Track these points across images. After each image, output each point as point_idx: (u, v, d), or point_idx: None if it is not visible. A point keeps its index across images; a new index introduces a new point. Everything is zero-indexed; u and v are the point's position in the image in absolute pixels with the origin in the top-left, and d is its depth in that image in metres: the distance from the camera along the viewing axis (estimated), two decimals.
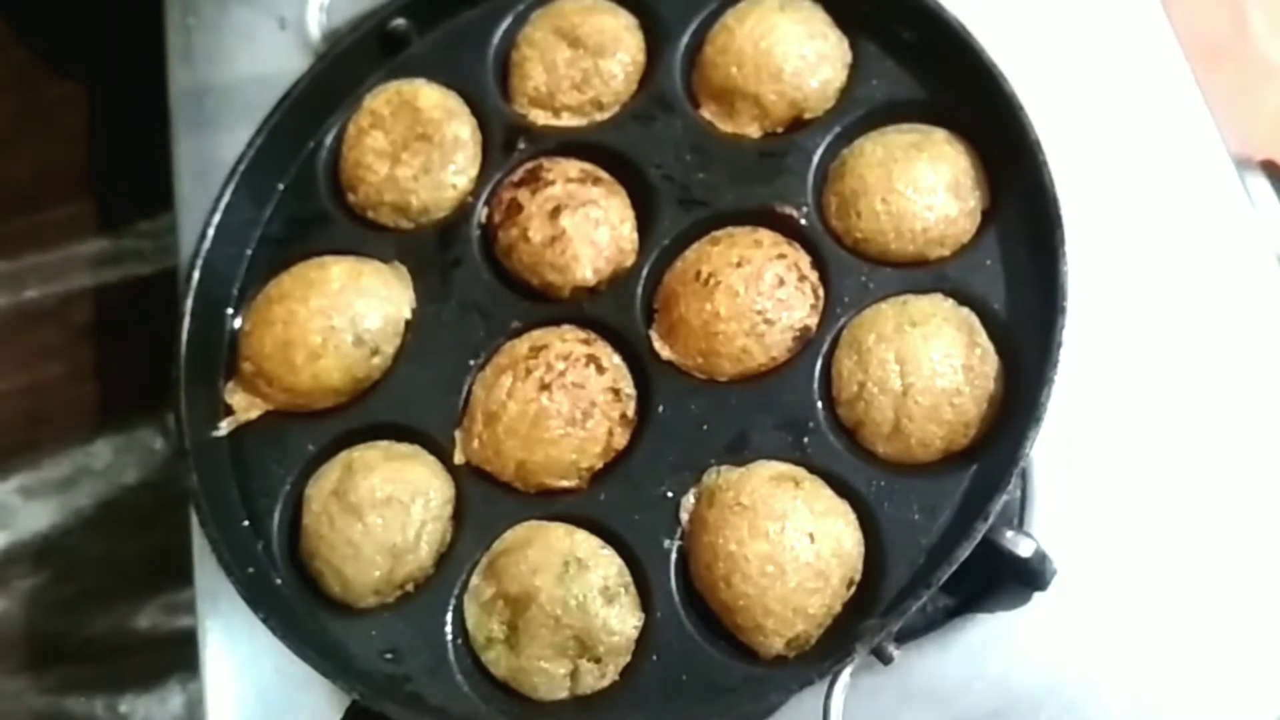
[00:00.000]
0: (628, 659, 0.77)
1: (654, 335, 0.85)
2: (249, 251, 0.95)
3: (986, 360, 0.79)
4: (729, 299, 0.82)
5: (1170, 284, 0.88)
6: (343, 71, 0.98)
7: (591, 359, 0.83)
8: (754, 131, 0.90)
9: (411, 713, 0.76)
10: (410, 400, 0.87)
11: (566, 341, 0.84)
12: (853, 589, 0.76)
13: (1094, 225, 0.88)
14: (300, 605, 0.83)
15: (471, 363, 0.87)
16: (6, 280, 1.26)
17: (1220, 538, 0.81)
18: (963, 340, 0.79)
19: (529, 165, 0.92)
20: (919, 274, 0.83)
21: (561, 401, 0.82)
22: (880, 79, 0.89)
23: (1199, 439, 0.83)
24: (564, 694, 0.78)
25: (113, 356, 1.22)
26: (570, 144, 0.93)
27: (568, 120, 0.95)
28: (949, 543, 0.73)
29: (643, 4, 0.96)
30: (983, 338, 0.79)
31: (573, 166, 0.91)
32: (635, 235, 0.89)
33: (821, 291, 0.84)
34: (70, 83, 1.32)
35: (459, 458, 0.84)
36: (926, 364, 0.78)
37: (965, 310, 0.80)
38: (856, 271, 0.84)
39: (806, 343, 0.82)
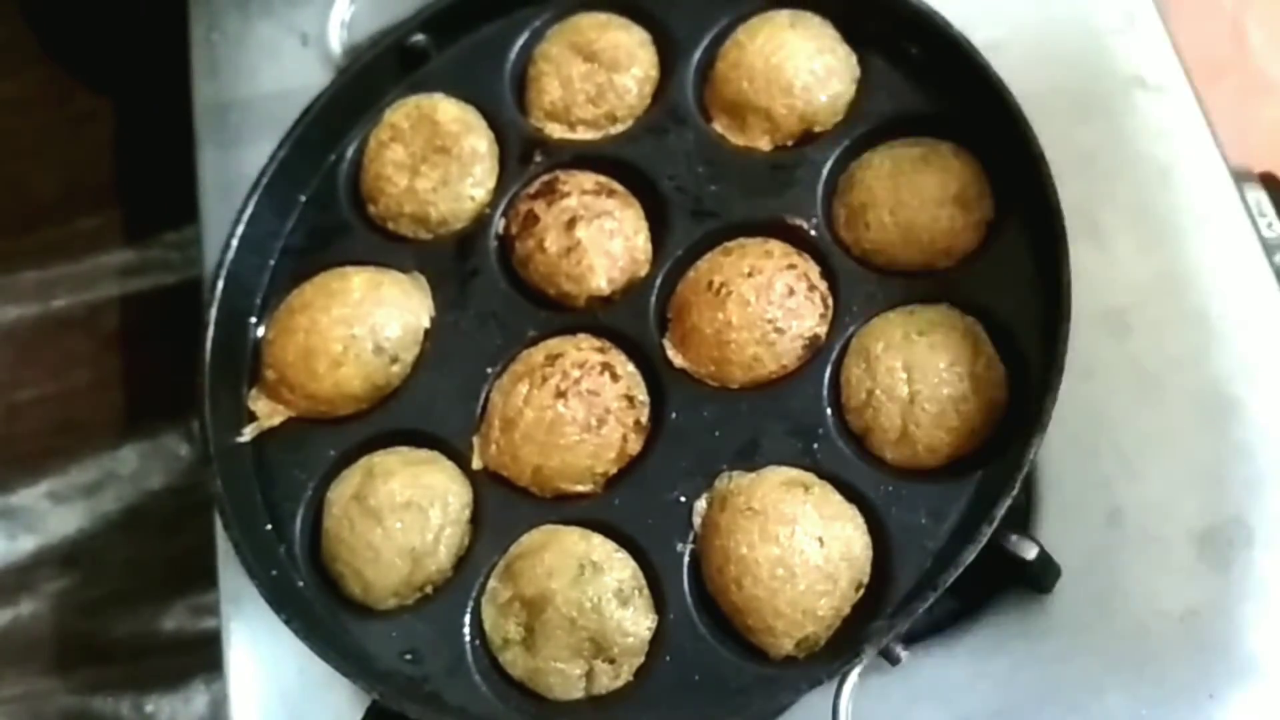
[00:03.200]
0: (642, 660, 0.78)
1: (667, 344, 0.85)
2: (271, 262, 0.95)
3: (992, 368, 0.79)
4: (740, 308, 0.83)
5: (1170, 295, 0.88)
6: (363, 86, 0.99)
7: (606, 367, 0.84)
8: (765, 144, 0.91)
9: (431, 712, 0.77)
10: (429, 407, 0.88)
11: (582, 350, 0.85)
12: (861, 591, 0.77)
13: (1096, 238, 0.88)
14: (322, 607, 0.84)
15: (489, 370, 0.88)
16: (36, 290, 1.26)
17: (1221, 542, 0.81)
18: (969, 349, 0.79)
19: (545, 178, 0.92)
20: (926, 284, 0.83)
21: (577, 408, 0.82)
22: (888, 93, 0.90)
23: (1199, 447, 0.84)
24: (579, 694, 0.78)
25: (139, 364, 1.22)
26: (585, 156, 0.94)
27: (583, 133, 0.95)
28: (955, 546, 0.74)
29: (656, 20, 0.97)
30: (988, 346, 0.80)
31: (588, 179, 0.91)
32: (649, 246, 0.89)
33: (830, 301, 0.84)
34: (98, 97, 1.32)
35: (477, 463, 0.85)
36: (933, 372, 0.78)
37: (971, 319, 0.81)
38: (865, 281, 0.84)
39: (816, 351, 0.83)
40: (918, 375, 0.79)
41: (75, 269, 1.27)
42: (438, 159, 0.95)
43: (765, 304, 0.83)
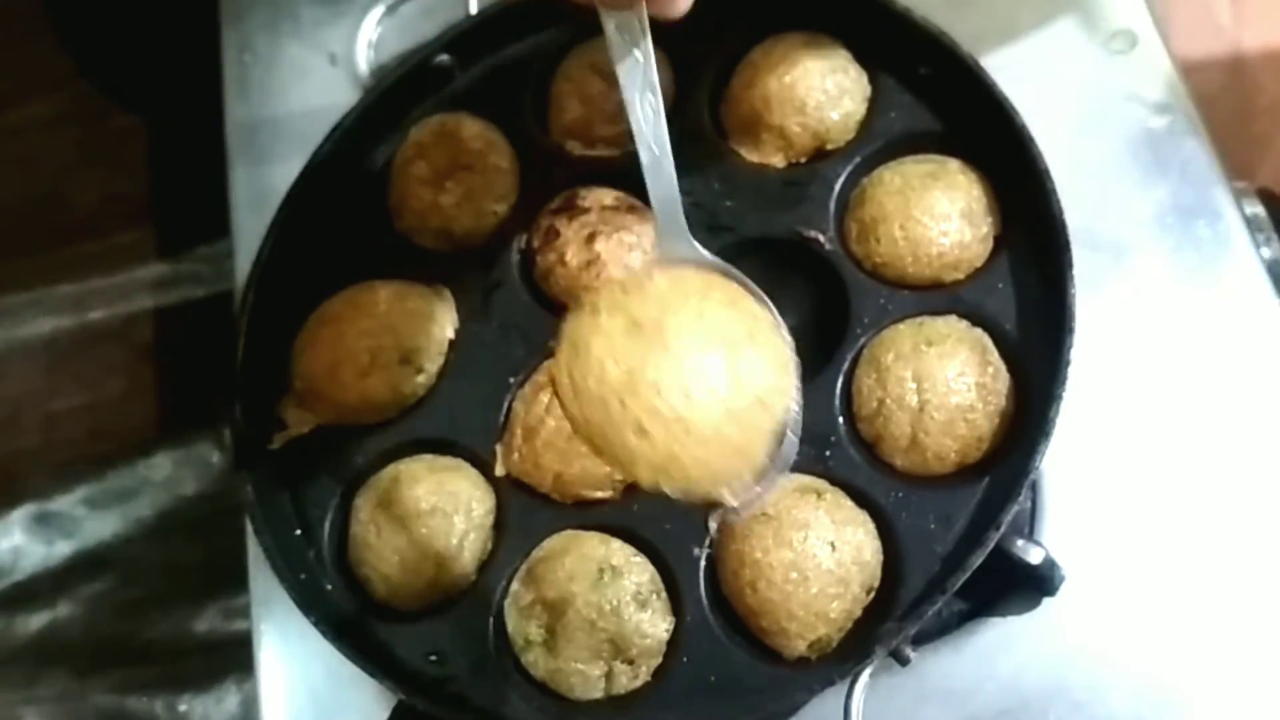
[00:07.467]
0: (659, 660, 0.79)
1: None
2: (300, 275, 0.96)
3: (999, 378, 0.80)
4: None
5: (1171, 308, 0.89)
6: (389, 105, 1.00)
7: None
8: (778, 161, 0.91)
9: (455, 712, 0.79)
10: (453, 416, 0.89)
11: None
12: (872, 594, 0.78)
13: (1099, 252, 0.90)
14: (349, 610, 0.85)
15: (511, 380, 0.89)
16: (72, 302, 1.27)
17: (1222, 545, 0.83)
18: (976, 359, 0.80)
19: (566, 193, 0.93)
20: (935, 296, 0.84)
21: None
22: (898, 112, 0.90)
23: (1199, 455, 0.85)
24: (599, 694, 0.80)
25: (172, 374, 1.24)
26: (605, 173, 0.94)
27: (602, 150, 0.96)
28: (963, 551, 0.75)
29: (673, 40, 0.95)
30: (995, 357, 0.81)
31: (607, 194, 0.92)
32: None
33: None
34: (132, 116, 1.33)
35: (500, 470, 0.86)
36: (942, 382, 0.79)
37: (978, 331, 0.82)
38: (875, 294, 0.85)
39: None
40: (927, 385, 0.80)
41: (110, 282, 1.28)
42: (461, 175, 0.95)
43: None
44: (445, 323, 0.92)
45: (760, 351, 0.61)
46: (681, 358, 0.57)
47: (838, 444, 0.82)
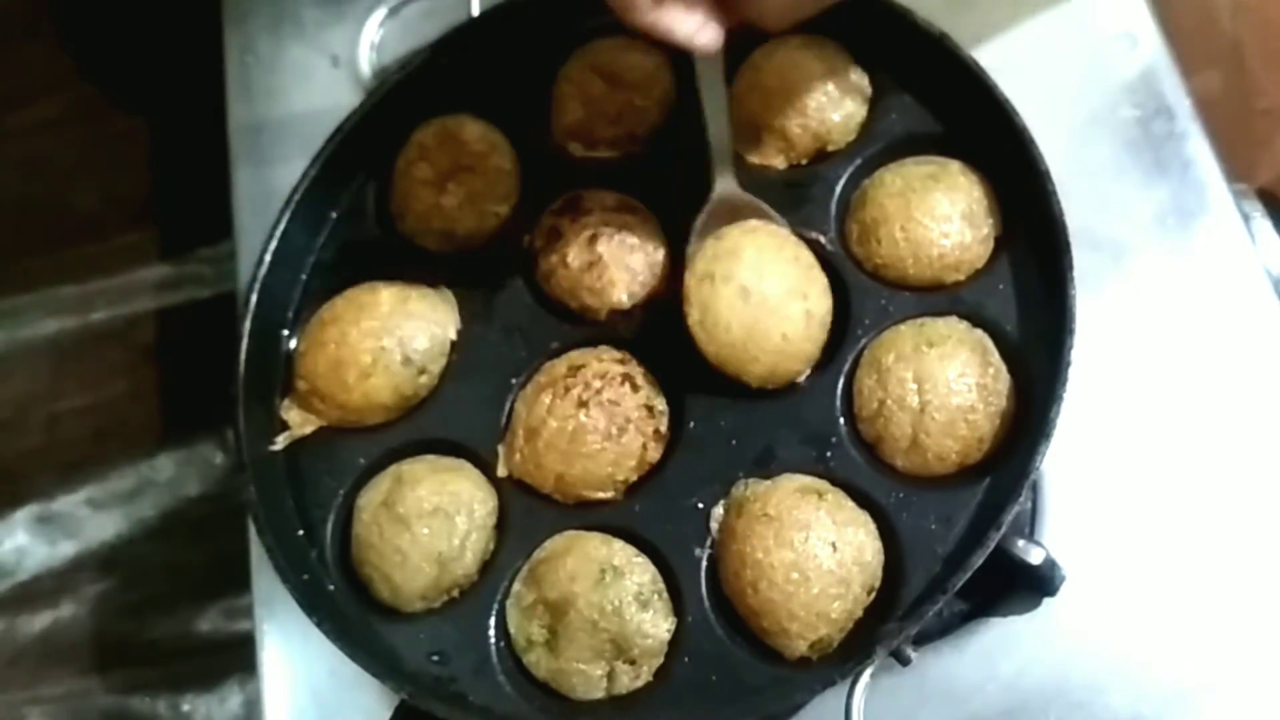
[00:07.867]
0: (661, 660, 0.80)
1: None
2: (303, 276, 0.97)
3: (999, 379, 0.81)
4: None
5: (1171, 308, 0.90)
6: (392, 107, 0.99)
7: (627, 378, 0.86)
8: (780, 163, 0.92)
9: (457, 711, 0.79)
10: (456, 417, 0.90)
11: (603, 361, 0.87)
12: (873, 595, 0.78)
13: (1099, 252, 0.90)
14: (352, 610, 0.85)
15: (513, 381, 0.89)
16: (75, 304, 1.27)
17: (1222, 545, 0.83)
18: (977, 360, 0.81)
19: (567, 194, 0.93)
20: (935, 298, 0.85)
21: (598, 418, 0.84)
22: (899, 113, 0.90)
23: (1199, 455, 0.85)
24: (601, 694, 0.80)
25: (175, 375, 1.23)
26: (606, 174, 0.95)
27: (604, 152, 0.96)
28: (964, 551, 0.75)
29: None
30: (996, 358, 0.81)
31: (609, 196, 0.93)
32: (668, 261, 0.90)
33: None
34: (135, 117, 1.33)
35: (502, 471, 0.87)
36: (943, 383, 0.80)
37: (979, 332, 0.82)
38: (876, 295, 0.85)
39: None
40: (928, 386, 0.80)
41: (113, 283, 1.28)
42: (463, 177, 0.96)
43: None
44: (447, 324, 0.93)
45: (815, 288, 0.84)
46: (777, 312, 0.81)
47: (839, 445, 0.82)
